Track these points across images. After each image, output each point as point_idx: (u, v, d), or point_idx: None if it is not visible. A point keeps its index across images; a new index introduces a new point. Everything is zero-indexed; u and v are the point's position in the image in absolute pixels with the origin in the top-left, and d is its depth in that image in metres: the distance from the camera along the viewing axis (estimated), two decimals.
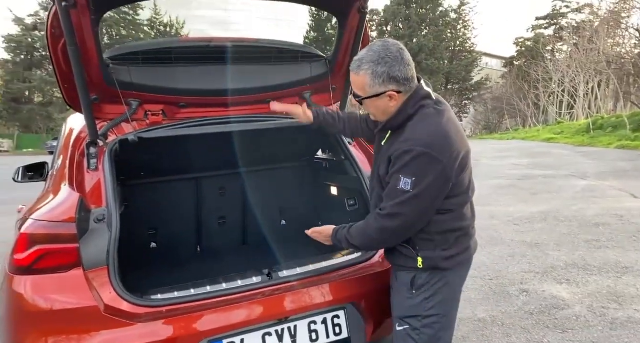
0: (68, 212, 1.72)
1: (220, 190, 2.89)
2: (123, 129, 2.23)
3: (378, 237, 1.65)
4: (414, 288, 1.68)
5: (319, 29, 39.61)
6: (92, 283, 1.71)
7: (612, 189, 7.82)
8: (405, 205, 1.53)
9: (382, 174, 1.64)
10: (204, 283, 1.95)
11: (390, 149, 1.59)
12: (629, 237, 4.93)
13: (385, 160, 1.61)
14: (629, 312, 3.13)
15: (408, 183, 1.50)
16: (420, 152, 1.48)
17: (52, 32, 1.81)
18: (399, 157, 1.52)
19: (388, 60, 1.50)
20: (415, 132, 1.54)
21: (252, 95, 2.41)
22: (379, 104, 1.59)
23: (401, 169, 1.52)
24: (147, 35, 40.49)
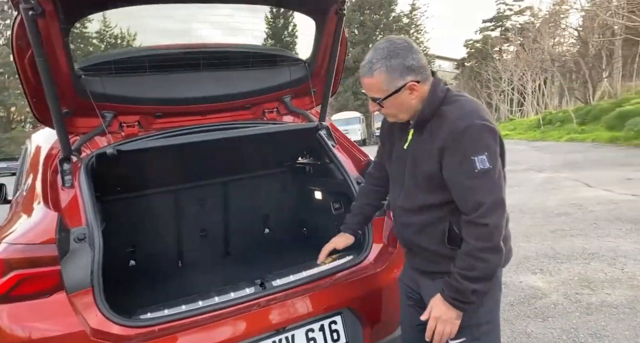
0: (47, 233, 1.61)
1: (200, 202, 2.80)
2: (97, 142, 2.12)
3: (493, 239, 1.35)
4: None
5: (275, 36, 39.59)
6: (77, 306, 1.61)
7: (567, 180, 8.21)
8: (498, 185, 1.35)
9: (426, 171, 1.46)
10: (195, 299, 1.88)
11: (435, 139, 1.42)
12: (590, 224, 5.17)
13: (430, 154, 1.43)
14: (602, 296, 3.27)
15: (484, 160, 1.33)
16: (479, 125, 1.35)
17: (17, 43, 1.69)
18: (457, 138, 1.36)
19: (399, 51, 1.41)
20: (460, 109, 1.41)
21: (230, 102, 2.36)
22: (400, 100, 1.46)
23: (468, 149, 1.34)
24: (96, 48, 39.14)
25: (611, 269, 3.75)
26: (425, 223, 1.53)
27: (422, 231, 1.55)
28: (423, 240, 1.56)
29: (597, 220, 5.28)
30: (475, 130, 1.36)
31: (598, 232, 4.83)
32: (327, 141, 2.47)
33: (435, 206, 1.49)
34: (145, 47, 2.13)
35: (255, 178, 2.92)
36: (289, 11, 36.89)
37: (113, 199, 2.43)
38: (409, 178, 1.55)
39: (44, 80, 1.70)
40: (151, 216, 2.62)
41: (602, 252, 4.19)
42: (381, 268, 2.13)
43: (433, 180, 1.46)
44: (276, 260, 2.68)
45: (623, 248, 4.22)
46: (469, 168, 1.34)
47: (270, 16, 41.02)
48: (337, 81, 2.51)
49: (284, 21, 41.84)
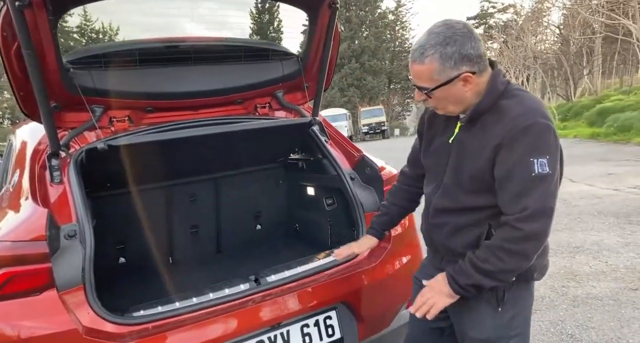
0: (36, 230, 1.56)
1: (191, 198, 2.76)
2: (86, 137, 2.07)
3: (524, 249, 1.25)
4: (500, 304, 1.38)
5: (260, 32, 39.34)
6: (68, 304, 1.57)
7: None
8: (551, 195, 1.23)
9: (472, 170, 1.34)
10: (189, 295, 1.85)
11: (489, 135, 1.29)
12: (575, 218, 5.26)
13: (480, 152, 1.31)
14: (587, 289, 3.33)
15: (544, 164, 1.21)
16: (544, 125, 1.23)
17: (3, 35, 1.63)
18: (518, 136, 1.23)
19: (457, 38, 1.26)
20: (524, 105, 1.28)
21: (222, 97, 2.33)
22: (451, 92, 1.32)
23: (530, 149, 1.22)
24: (77, 42, 38.38)
25: (595, 262, 3.82)
26: (461, 226, 1.41)
27: (457, 233, 1.43)
28: (456, 243, 1.43)
29: (581, 214, 5.38)
30: (539, 129, 1.24)
31: (582, 226, 4.92)
32: (320, 136, 2.45)
33: (476, 209, 1.37)
34: (135, 40, 2.09)
35: (247, 174, 2.89)
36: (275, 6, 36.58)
37: (102, 195, 2.38)
38: (451, 175, 1.41)
39: (31, 74, 1.65)
40: (141, 212, 2.57)
41: (586, 245, 4.28)
42: (375, 263, 2.14)
43: (479, 180, 1.33)
44: (268, 257, 2.67)
45: (606, 241, 4.31)
46: (526, 170, 1.22)
47: (256, 11, 40.74)
48: (330, 76, 2.50)
49: (269, 17, 41.58)
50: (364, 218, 2.23)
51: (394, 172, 2.36)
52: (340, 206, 2.50)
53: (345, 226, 2.46)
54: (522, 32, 30.93)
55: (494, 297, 1.39)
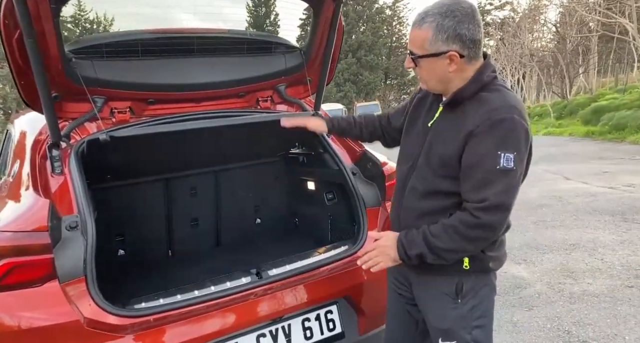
0: (38, 220, 1.55)
1: (192, 191, 2.75)
2: (86, 128, 2.05)
3: (475, 236, 1.30)
4: (460, 296, 1.43)
5: (257, 25, 39.10)
6: (70, 296, 1.56)
7: (547, 173, 8.38)
8: (513, 189, 1.26)
9: (444, 155, 1.37)
10: (190, 288, 1.84)
11: (463, 123, 1.32)
12: (570, 216, 5.30)
13: (453, 138, 1.34)
14: (583, 286, 3.36)
15: (510, 159, 1.24)
16: (517, 121, 1.26)
17: (5, 23, 1.61)
18: (491, 128, 1.26)
19: (457, 14, 1.28)
20: (503, 100, 1.30)
21: (224, 89, 2.30)
22: (436, 67, 1.34)
23: (499, 142, 1.25)
24: (71, 32, 37.95)
25: (591, 259, 3.86)
26: (427, 211, 1.44)
27: (422, 218, 1.45)
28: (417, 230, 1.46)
29: (576, 212, 5.41)
30: (512, 125, 1.26)
31: (578, 223, 4.96)
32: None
33: (442, 194, 1.41)
34: (138, 30, 2.06)
35: (248, 167, 2.88)
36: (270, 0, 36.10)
37: (102, 187, 2.36)
38: (423, 159, 1.45)
39: (33, 63, 1.63)
40: (141, 205, 2.56)
41: (582, 242, 4.31)
42: None
43: (447, 165, 1.36)
44: (268, 251, 2.66)
45: (602, 239, 4.35)
46: (492, 162, 1.26)
47: (252, 4, 40.48)
48: (332, 70, 2.49)
49: (266, 10, 41.34)
50: (365, 213, 2.22)
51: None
52: (341, 201, 2.49)
53: (345, 221, 2.45)
54: (518, 29, 30.97)
55: (453, 289, 1.44)
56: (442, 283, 1.46)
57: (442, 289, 1.46)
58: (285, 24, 10.84)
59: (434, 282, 1.49)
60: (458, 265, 1.42)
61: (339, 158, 2.32)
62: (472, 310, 1.44)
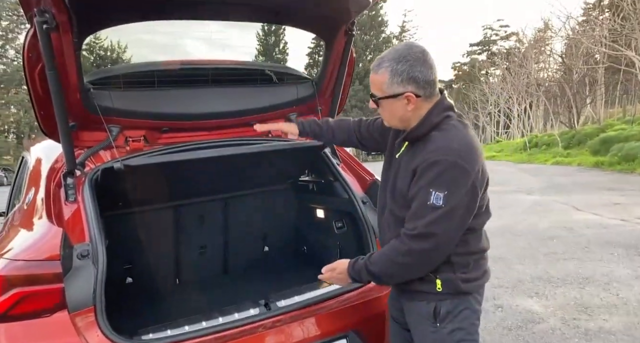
0: (51, 249, 1.55)
1: (201, 218, 2.75)
2: (101, 157, 2.08)
3: (406, 262, 1.42)
4: (438, 319, 1.49)
5: (266, 53, 39.97)
6: (78, 326, 1.54)
7: (556, 203, 8.31)
8: (438, 223, 1.37)
9: (401, 188, 1.49)
10: (198, 319, 1.82)
11: (413, 160, 1.45)
12: (582, 248, 5.21)
13: (407, 173, 1.47)
14: (599, 323, 3.27)
15: (440, 197, 1.35)
16: (451, 163, 1.36)
17: (29, 55, 1.66)
18: (427, 168, 1.38)
19: (409, 59, 1.40)
20: (444, 141, 1.41)
21: (236, 118, 2.34)
22: (395, 107, 1.46)
23: (431, 181, 1.37)
24: (86, 59, 38.99)
25: (606, 294, 3.76)
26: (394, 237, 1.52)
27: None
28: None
29: (588, 244, 5.32)
30: (443, 167, 1.36)
31: (590, 256, 4.86)
32: (331, 159, 2.45)
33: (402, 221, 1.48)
34: (153, 62, 2.12)
35: (257, 195, 2.88)
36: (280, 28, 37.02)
37: (113, 214, 2.37)
38: (390, 190, 1.57)
39: (53, 94, 1.67)
40: (150, 232, 2.56)
41: (596, 276, 4.22)
42: (386, 290, 2.10)
43: (402, 197, 1.49)
44: (276, 279, 2.63)
45: (616, 273, 4.25)
46: (424, 198, 1.37)
47: (262, 33, 41.47)
48: (343, 99, 2.52)
49: (275, 39, 42.29)
50: (375, 243, 2.21)
51: None
52: (351, 230, 2.48)
53: (355, 250, 2.43)
54: (524, 59, 31.35)
55: (431, 312, 1.50)
56: (422, 308, 1.52)
57: (422, 313, 1.53)
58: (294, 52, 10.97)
59: (415, 307, 1.56)
60: (431, 288, 1.49)
61: (349, 186, 2.32)
62: (452, 333, 1.48)
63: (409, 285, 1.54)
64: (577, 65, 23.38)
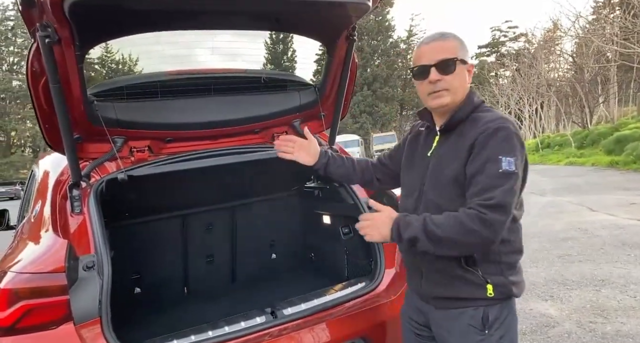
0: (56, 261, 1.56)
1: (208, 227, 2.75)
2: (106, 168, 2.10)
3: (478, 230, 1.25)
4: (487, 326, 1.38)
5: (275, 61, 40.21)
6: (84, 338, 1.55)
7: (570, 204, 8.17)
8: (514, 191, 1.29)
9: (450, 175, 1.39)
10: (204, 329, 1.82)
11: (464, 140, 1.38)
12: (597, 249, 5.11)
13: (457, 155, 1.38)
14: (616, 326, 3.19)
15: (512, 162, 1.29)
16: (513, 131, 1.34)
17: (32, 70, 1.69)
18: (490, 136, 1.32)
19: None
20: (494, 115, 1.40)
21: (240, 126, 2.35)
22: (464, 75, 1.44)
23: (499, 148, 1.30)
24: (98, 73, 39.62)
25: (623, 297, 3.67)
26: None
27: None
28: (438, 257, 1.40)
29: (604, 245, 5.22)
30: (508, 133, 1.33)
31: (606, 258, 4.76)
32: None
33: None
34: (157, 72, 2.14)
35: (263, 202, 2.88)
36: (289, 37, 37.62)
37: (120, 225, 2.39)
38: (431, 185, 1.46)
39: (57, 107, 1.69)
40: (157, 242, 2.57)
41: (612, 278, 4.13)
42: (395, 296, 2.08)
43: (457, 182, 1.38)
44: (284, 287, 2.62)
45: (634, 275, 4.16)
46: (494, 167, 1.29)
47: (270, 42, 41.80)
48: (346, 105, 2.52)
49: (283, 47, 42.57)
50: (382, 248, 2.19)
51: None
52: (357, 235, 2.45)
53: (362, 256, 2.41)
54: (534, 60, 31.07)
55: (479, 320, 1.39)
56: (466, 315, 1.40)
57: (467, 321, 1.40)
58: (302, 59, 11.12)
59: (457, 315, 1.43)
60: (481, 293, 1.38)
61: (354, 192, 2.31)
62: (500, 340, 1.39)
63: (456, 292, 1.42)
64: (589, 64, 23.08)
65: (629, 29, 17.90)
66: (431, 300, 1.50)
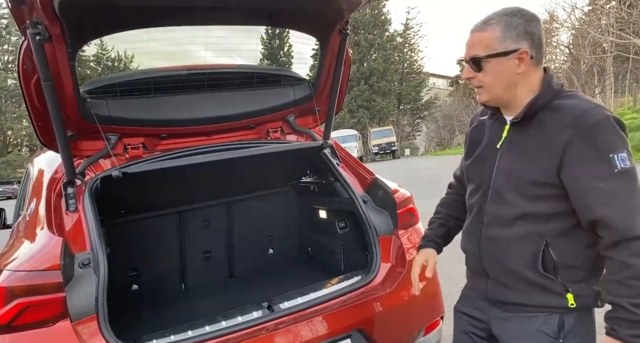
0: (51, 259, 1.57)
1: (204, 223, 2.77)
2: (101, 165, 2.10)
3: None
4: (562, 334, 1.24)
5: (271, 57, 40.11)
6: (81, 334, 1.56)
7: None
8: (638, 191, 1.13)
9: (531, 175, 1.24)
10: (202, 324, 1.83)
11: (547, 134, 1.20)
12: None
13: (540, 152, 1.22)
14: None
15: (625, 158, 1.13)
16: (614, 118, 1.16)
17: (24, 68, 1.69)
18: (590, 131, 1.14)
19: (525, 14, 1.23)
20: (584, 103, 1.20)
21: (235, 122, 2.36)
22: (503, 69, 1.24)
23: (605, 144, 1.14)
24: (93, 71, 39.45)
25: None
26: (517, 238, 1.28)
27: (511, 247, 1.29)
28: (510, 258, 1.29)
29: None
30: (611, 123, 1.15)
31: None
32: (331, 159, 2.45)
33: (533, 217, 1.25)
34: (150, 69, 2.14)
35: (260, 198, 2.90)
36: (285, 32, 37.53)
37: (116, 222, 2.40)
38: (504, 180, 1.30)
39: (49, 104, 1.69)
40: (154, 238, 2.58)
41: None
42: (390, 289, 2.10)
43: (542, 184, 1.22)
44: (281, 282, 2.64)
45: None
46: (608, 167, 1.13)
47: (266, 37, 41.68)
48: (341, 99, 2.52)
49: (280, 42, 42.44)
50: (377, 241, 2.20)
51: (407, 195, 2.33)
52: (353, 230, 2.47)
53: (358, 250, 2.43)
54: None
55: (554, 327, 1.25)
56: (538, 320, 1.27)
57: (538, 326, 1.27)
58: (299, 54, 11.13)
59: (526, 318, 1.30)
60: (561, 302, 1.24)
61: (350, 186, 2.32)
62: None
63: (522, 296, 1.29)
64: (584, 56, 23.09)
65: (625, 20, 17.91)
66: (497, 304, 1.37)
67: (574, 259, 1.23)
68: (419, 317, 2.19)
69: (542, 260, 1.24)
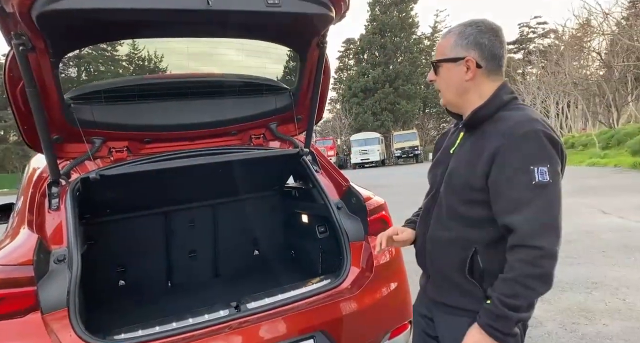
0: (25, 255, 1.69)
1: (190, 223, 2.88)
2: (87, 167, 2.23)
3: (548, 268, 1.17)
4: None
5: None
6: (51, 326, 1.67)
7: (583, 206, 7.98)
8: (554, 204, 1.17)
9: (466, 178, 1.29)
10: (170, 320, 1.93)
11: (484, 142, 1.26)
12: (598, 252, 5.03)
13: (475, 158, 1.27)
14: (598, 327, 3.17)
15: (544, 172, 1.16)
16: (543, 132, 1.20)
17: (10, 75, 1.83)
18: (517, 142, 1.19)
19: (481, 26, 1.31)
20: (521, 115, 1.25)
21: (218, 128, 2.46)
22: (452, 74, 1.34)
23: (527, 157, 1.18)
24: (125, 70, 40.38)
25: (612, 299, 3.63)
26: (450, 241, 1.35)
27: (445, 250, 1.37)
28: (443, 261, 1.38)
29: (606, 248, 5.13)
30: (538, 136, 1.20)
31: (605, 261, 4.69)
32: (310, 166, 2.53)
33: (465, 221, 1.31)
34: (135, 77, 2.26)
35: (244, 201, 2.99)
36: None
37: (103, 221, 2.53)
38: (445, 185, 1.38)
39: (33, 109, 1.82)
40: (141, 237, 2.70)
41: (606, 281, 4.07)
42: (357, 292, 2.15)
43: (470, 188, 1.28)
44: (265, 282, 2.72)
45: (628, 277, 4.09)
46: (526, 178, 1.18)
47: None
48: (322, 108, 2.59)
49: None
50: (348, 247, 2.26)
51: (381, 202, 2.39)
52: (331, 234, 2.54)
53: (334, 254, 2.49)
54: (561, 57, 30.20)
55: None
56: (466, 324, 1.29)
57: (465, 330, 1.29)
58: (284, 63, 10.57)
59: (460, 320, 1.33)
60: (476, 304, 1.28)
61: (325, 192, 2.39)
62: None
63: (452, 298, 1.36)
64: (618, 63, 22.33)
65: None
66: (436, 304, 1.45)
67: (500, 268, 1.25)
68: (384, 321, 2.23)
69: (470, 266, 1.30)
